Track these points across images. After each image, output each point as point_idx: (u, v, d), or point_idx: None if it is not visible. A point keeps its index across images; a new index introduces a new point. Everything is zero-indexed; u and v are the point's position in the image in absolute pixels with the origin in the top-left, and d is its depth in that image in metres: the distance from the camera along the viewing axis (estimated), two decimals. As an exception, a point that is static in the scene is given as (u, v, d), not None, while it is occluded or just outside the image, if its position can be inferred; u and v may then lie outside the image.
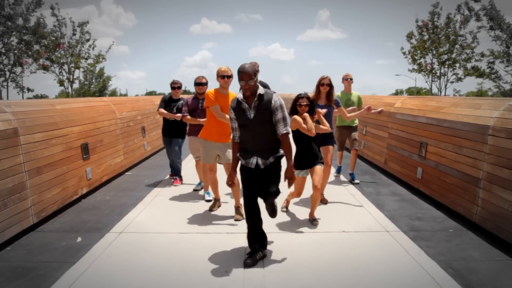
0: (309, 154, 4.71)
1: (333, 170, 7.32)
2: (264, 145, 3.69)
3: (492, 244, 4.21)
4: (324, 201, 5.70)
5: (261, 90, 3.64)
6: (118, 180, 7.28)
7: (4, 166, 4.15)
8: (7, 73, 20.71)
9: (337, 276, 3.46)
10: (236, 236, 4.36)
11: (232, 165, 3.92)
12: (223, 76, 4.80)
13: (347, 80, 7.03)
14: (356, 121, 7.00)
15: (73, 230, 4.65)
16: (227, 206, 5.41)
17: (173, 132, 6.68)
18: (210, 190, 5.69)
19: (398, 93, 77.76)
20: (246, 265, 3.64)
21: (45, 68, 19.85)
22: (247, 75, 3.51)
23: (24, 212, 4.45)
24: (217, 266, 3.65)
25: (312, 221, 4.83)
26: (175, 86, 6.68)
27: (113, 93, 43.34)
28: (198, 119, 5.74)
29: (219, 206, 5.40)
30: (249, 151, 3.73)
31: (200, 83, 5.95)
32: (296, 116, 4.60)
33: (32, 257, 3.92)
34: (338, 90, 6.79)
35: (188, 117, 5.84)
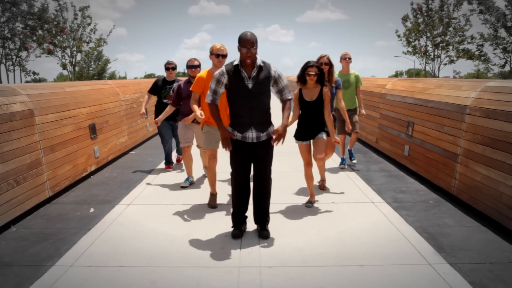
0: (312, 124, 4.64)
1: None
2: (260, 117, 3.70)
3: (466, 213, 4.65)
4: (323, 188, 5.55)
5: (259, 61, 3.62)
6: (123, 158, 7.70)
7: (23, 144, 4.55)
8: (14, 57, 21.12)
9: (324, 239, 3.91)
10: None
11: (219, 124, 3.71)
12: (218, 55, 4.57)
13: (345, 59, 6.59)
14: (356, 103, 6.72)
15: (85, 203, 5.08)
16: (225, 177, 5.81)
17: (174, 115, 5.95)
18: (192, 176, 5.88)
19: (397, 74, 77.88)
20: (235, 236, 3.91)
21: (50, 52, 20.15)
22: (250, 42, 3.45)
23: (40, 186, 4.88)
24: (217, 231, 4.09)
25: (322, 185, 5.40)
26: (170, 66, 6.40)
27: (112, 76, 43.46)
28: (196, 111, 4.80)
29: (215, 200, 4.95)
30: (244, 124, 3.68)
31: (192, 66, 5.55)
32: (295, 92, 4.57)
33: (51, 225, 4.36)
34: (336, 71, 6.46)
35: (189, 118, 5.20)
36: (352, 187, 5.70)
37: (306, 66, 4.48)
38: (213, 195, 4.93)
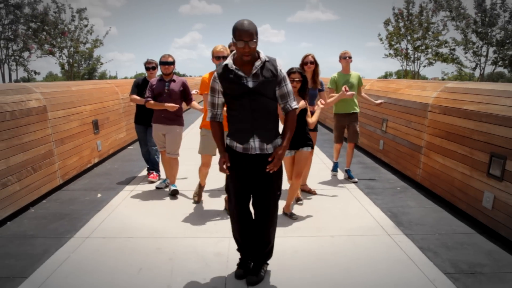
0: (297, 134, 4.19)
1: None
2: (265, 122, 2.95)
3: (427, 197, 5.36)
4: (312, 192, 5.50)
5: (263, 55, 2.90)
6: (122, 152, 8.31)
7: (38, 136, 5.15)
8: (17, 58, 21.74)
9: (301, 216, 4.58)
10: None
11: (219, 149, 3.09)
12: (219, 57, 4.44)
13: (345, 58, 5.96)
14: (357, 108, 6.15)
15: (92, 189, 5.69)
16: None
17: (148, 119, 5.53)
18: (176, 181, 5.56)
19: (387, 75, 79.09)
20: (238, 277, 3.25)
21: (51, 53, 20.70)
22: (248, 33, 2.67)
23: (53, 174, 5.48)
24: (211, 211, 4.75)
25: (291, 215, 4.57)
26: (150, 66, 5.78)
27: (103, 76, 43.63)
28: (165, 103, 5.00)
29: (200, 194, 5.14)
30: (245, 131, 2.94)
31: (166, 62, 5.13)
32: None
33: (65, 207, 4.97)
34: (335, 71, 6.19)
35: (151, 102, 5.10)
36: (330, 176, 6.39)
37: (289, 73, 4.23)
38: (201, 187, 5.09)
